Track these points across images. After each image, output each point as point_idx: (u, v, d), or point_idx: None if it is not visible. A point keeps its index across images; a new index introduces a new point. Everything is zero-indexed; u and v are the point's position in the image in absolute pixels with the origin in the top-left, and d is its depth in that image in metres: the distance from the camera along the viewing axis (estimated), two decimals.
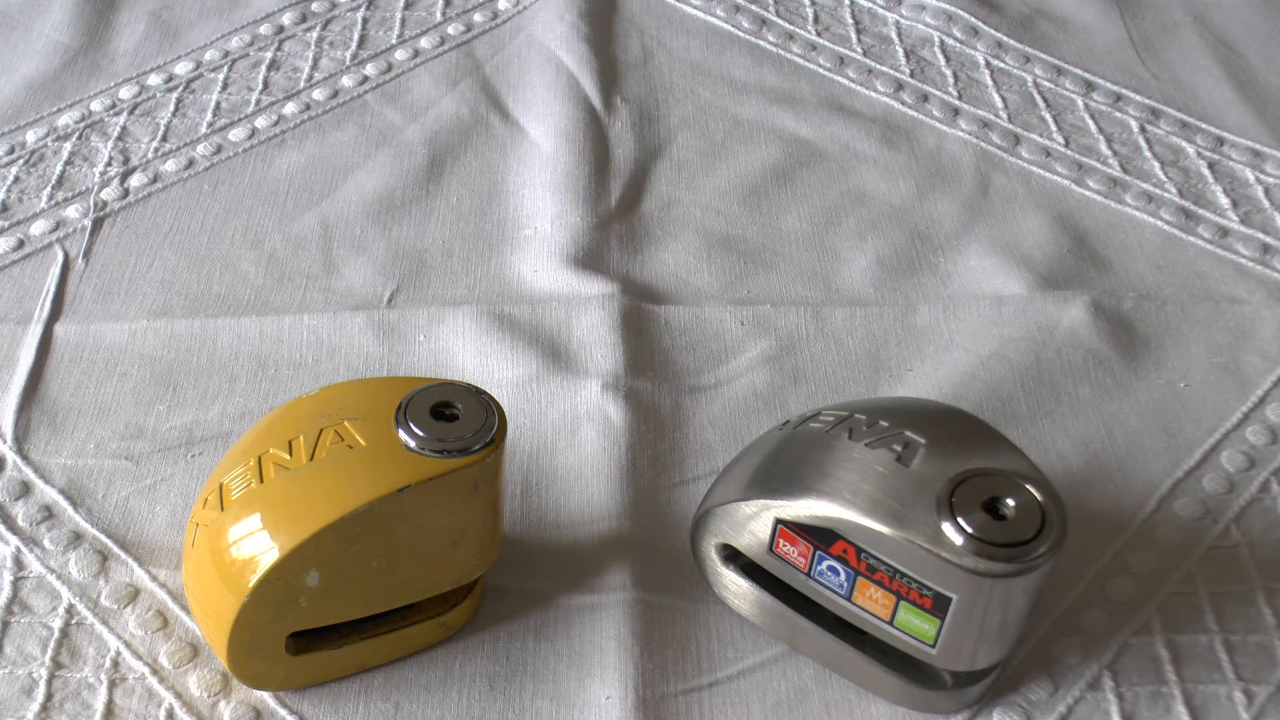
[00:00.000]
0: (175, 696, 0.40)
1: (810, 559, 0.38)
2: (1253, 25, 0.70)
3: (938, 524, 0.34)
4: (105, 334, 0.51)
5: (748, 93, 0.64)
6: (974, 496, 0.35)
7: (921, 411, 0.39)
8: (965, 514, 0.34)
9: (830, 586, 0.38)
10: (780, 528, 0.38)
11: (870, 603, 0.37)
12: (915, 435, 0.37)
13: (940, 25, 0.68)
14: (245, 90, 0.62)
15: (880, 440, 0.37)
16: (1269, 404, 0.50)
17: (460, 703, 0.40)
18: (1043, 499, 0.35)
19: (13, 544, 0.43)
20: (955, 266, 0.55)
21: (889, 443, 0.37)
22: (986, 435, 0.38)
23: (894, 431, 0.37)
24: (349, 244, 0.55)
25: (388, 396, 0.37)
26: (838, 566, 0.37)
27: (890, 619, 0.37)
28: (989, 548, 0.34)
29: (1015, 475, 0.35)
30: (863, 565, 0.36)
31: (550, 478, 0.46)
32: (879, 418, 0.38)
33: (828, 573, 0.37)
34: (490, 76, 0.64)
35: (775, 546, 0.38)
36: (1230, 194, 0.59)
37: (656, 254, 0.55)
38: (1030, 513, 0.34)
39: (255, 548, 0.36)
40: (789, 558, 0.38)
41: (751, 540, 0.39)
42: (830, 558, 0.37)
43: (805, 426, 0.39)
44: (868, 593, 0.37)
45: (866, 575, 0.36)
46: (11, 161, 0.58)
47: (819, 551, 0.37)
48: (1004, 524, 0.34)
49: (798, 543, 0.38)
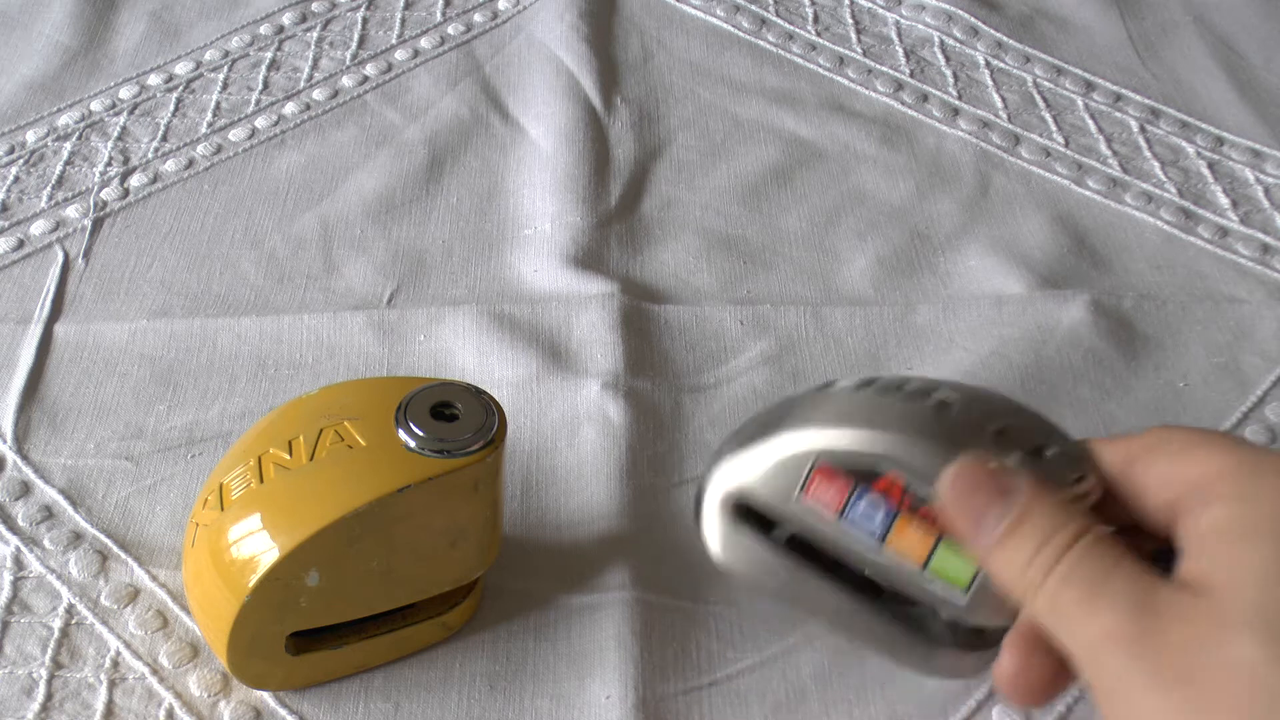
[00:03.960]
0: (175, 696, 0.40)
1: (846, 499, 0.36)
2: (1253, 25, 0.70)
3: (992, 454, 0.34)
4: (105, 334, 0.51)
5: (748, 93, 0.64)
6: (1019, 440, 0.35)
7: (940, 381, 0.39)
8: (1013, 453, 0.35)
9: (863, 530, 0.37)
10: (820, 465, 0.37)
11: (905, 545, 0.36)
12: (946, 395, 0.37)
13: (940, 25, 0.68)
14: (245, 90, 0.62)
15: (915, 395, 0.37)
16: (1268, 404, 0.50)
17: (460, 703, 0.40)
18: (1079, 452, 0.35)
19: (13, 544, 0.43)
20: (955, 266, 0.56)
21: (923, 397, 0.37)
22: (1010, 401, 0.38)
23: (925, 390, 0.37)
24: (349, 244, 0.55)
25: (388, 396, 0.37)
26: (877, 506, 0.36)
27: (924, 563, 0.36)
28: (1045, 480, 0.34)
29: (1053, 429, 0.36)
30: (907, 501, 0.36)
31: (550, 478, 0.46)
32: (903, 382, 0.38)
33: (863, 514, 0.36)
34: (490, 76, 0.64)
35: (807, 489, 0.37)
36: (1230, 194, 0.59)
37: (656, 254, 0.55)
38: (1071, 460, 0.35)
39: (255, 548, 0.36)
40: (820, 501, 0.37)
41: (777, 486, 0.37)
42: (870, 495, 0.36)
43: (828, 387, 0.39)
44: (905, 533, 0.36)
45: (909, 512, 0.36)
46: (11, 161, 0.58)
47: (860, 488, 0.36)
48: (1050, 464, 0.35)
49: (835, 480, 0.36)
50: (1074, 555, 0.31)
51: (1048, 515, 0.33)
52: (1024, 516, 0.33)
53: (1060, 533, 0.32)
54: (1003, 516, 0.33)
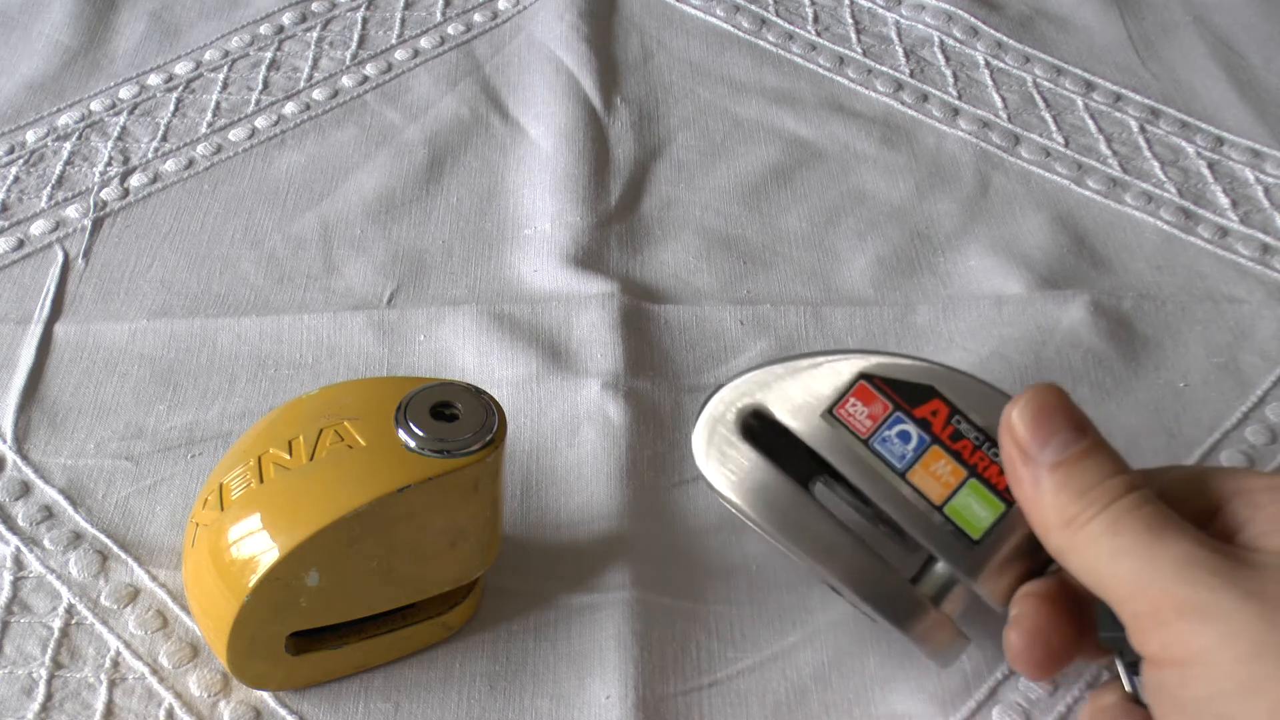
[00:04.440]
0: (175, 696, 0.40)
1: (881, 421, 0.36)
2: (1253, 25, 0.70)
3: None
4: (105, 334, 0.51)
5: (748, 93, 0.64)
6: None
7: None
8: None
9: (889, 457, 0.36)
10: (861, 383, 0.36)
11: (930, 479, 0.36)
12: None
13: (940, 25, 0.68)
14: (245, 90, 0.62)
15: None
16: (1269, 404, 0.50)
17: (460, 703, 0.40)
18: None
19: (13, 544, 0.43)
20: (955, 266, 0.56)
21: None
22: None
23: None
24: (349, 244, 0.55)
25: (388, 396, 0.37)
26: (911, 432, 0.36)
27: (943, 502, 0.36)
28: None
29: None
30: (948, 431, 0.35)
31: (550, 478, 0.46)
32: None
33: (895, 439, 0.36)
34: (490, 76, 0.64)
35: (841, 405, 0.36)
36: (1230, 194, 0.59)
37: (656, 254, 0.55)
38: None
39: (255, 548, 0.36)
40: (852, 420, 0.36)
41: (802, 399, 0.36)
42: (909, 420, 0.36)
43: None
44: (934, 466, 0.36)
45: (945, 444, 0.36)
46: (11, 161, 0.58)
47: (899, 413, 0.36)
48: None
49: (874, 402, 0.36)
50: (1136, 497, 0.32)
51: (1110, 459, 0.33)
52: (1092, 449, 0.33)
53: (1122, 475, 0.33)
54: (1068, 445, 0.34)
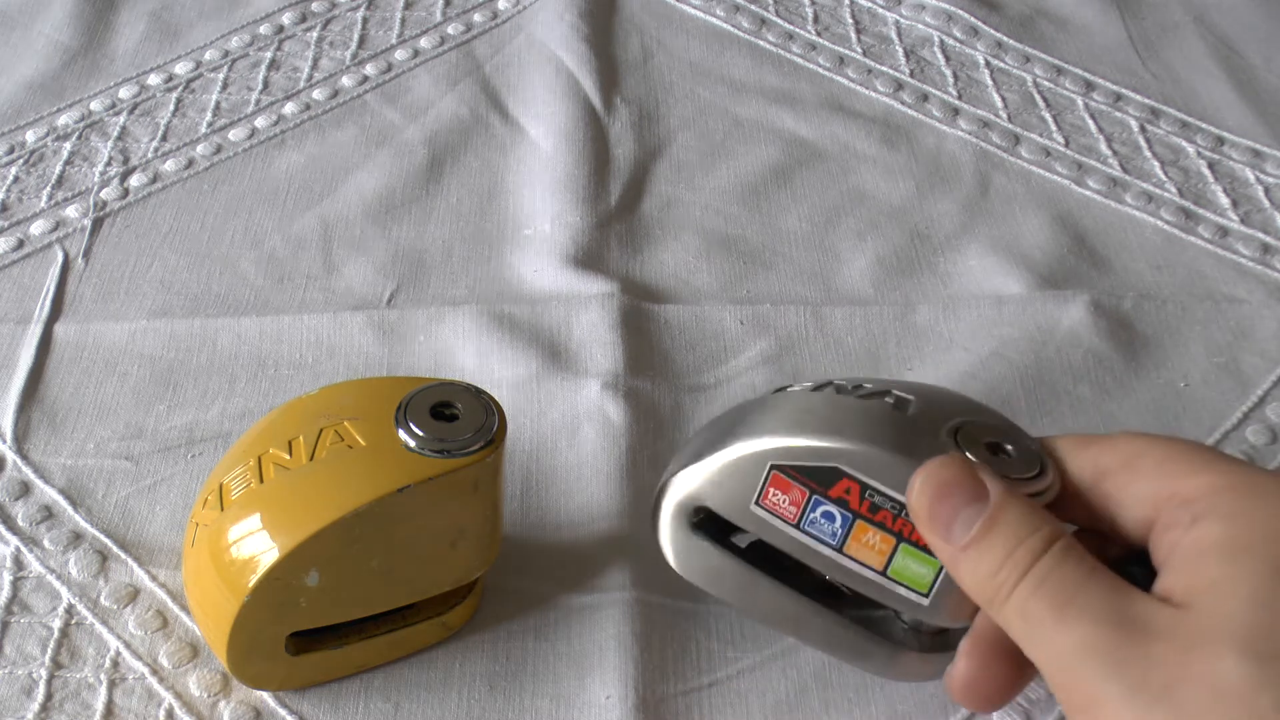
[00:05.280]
0: (175, 696, 0.40)
1: (803, 506, 0.36)
2: (1253, 25, 0.70)
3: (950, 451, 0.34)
4: (105, 334, 0.51)
5: (748, 93, 0.64)
6: (978, 437, 0.35)
7: (896, 381, 0.39)
8: (972, 450, 0.34)
9: (821, 536, 0.37)
10: (774, 474, 0.36)
11: (865, 550, 0.36)
12: (902, 394, 0.37)
13: (940, 25, 0.68)
14: (245, 90, 0.62)
15: (870, 395, 0.37)
16: (1269, 404, 0.50)
17: (460, 703, 0.40)
18: (1037, 448, 0.35)
19: (13, 544, 0.43)
20: (955, 266, 0.56)
21: (880, 397, 0.36)
22: (966, 399, 0.38)
23: (880, 390, 0.37)
24: (349, 244, 0.55)
25: (388, 396, 0.37)
26: (834, 512, 0.36)
27: (884, 568, 0.36)
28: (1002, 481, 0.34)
29: (1010, 427, 0.36)
30: (865, 505, 0.36)
31: (550, 478, 0.46)
32: (859, 383, 0.38)
33: (821, 520, 0.36)
34: (490, 76, 0.64)
35: (764, 497, 0.37)
36: (1230, 194, 0.59)
37: (656, 254, 0.55)
38: (1030, 456, 0.34)
39: (255, 548, 0.36)
40: (777, 509, 0.37)
41: (733, 494, 0.37)
42: (827, 501, 0.36)
43: (783, 391, 0.38)
44: (864, 538, 0.36)
45: (867, 517, 0.36)
46: (11, 161, 0.58)
47: (815, 496, 0.36)
48: (1009, 461, 0.34)
49: (791, 489, 0.36)
50: (1046, 563, 0.30)
51: (1017, 520, 0.31)
52: (993, 521, 0.31)
53: (1031, 538, 0.31)
54: (972, 521, 0.32)
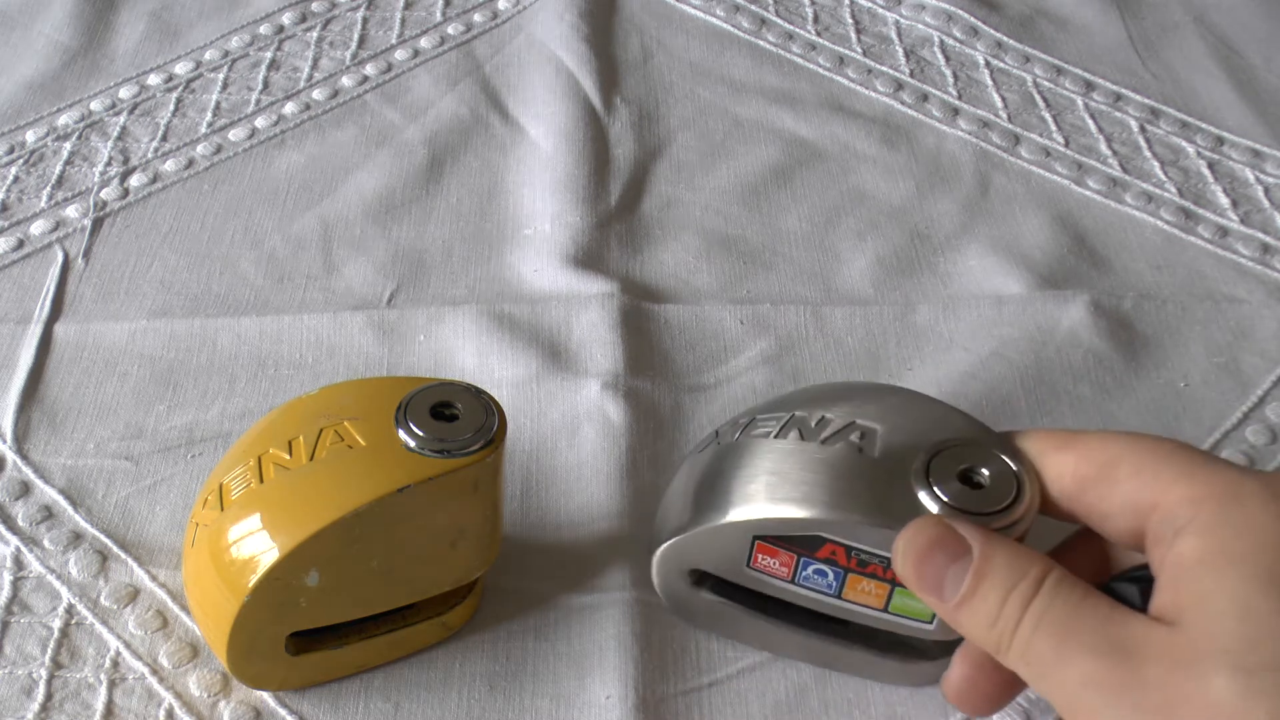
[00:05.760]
0: (175, 696, 0.40)
1: (794, 567, 0.37)
2: (1253, 25, 0.70)
3: (917, 504, 0.34)
4: (105, 334, 0.51)
5: (748, 93, 0.64)
6: (947, 469, 0.35)
7: (863, 397, 0.38)
8: (942, 486, 0.34)
9: (818, 589, 0.38)
10: (757, 543, 0.37)
11: (863, 596, 0.37)
12: (867, 423, 0.36)
13: (940, 25, 0.68)
14: (245, 90, 0.62)
15: (834, 436, 0.36)
16: (1269, 404, 0.50)
17: (460, 703, 0.40)
18: (1014, 466, 0.35)
19: (13, 544, 0.43)
20: (955, 266, 0.56)
21: (844, 436, 0.36)
22: (934, 406, 0.37)
23: (845, 424, 0.37)
24: (349, 244, 0.55)
25: (388, 396, 0.37)
26: (825, 569, 0.37)
27: (884, 607, 0.37)
28: (968, 516, 0.34)
29: (982, 444, 0.35)
30: (853, 562, 0.36)
31: (550, 478, 0.46)
32: (820, 411, 0.37)
33: (814, 576, 0.37)
34: (490, 76, 0.64)
35: (754, 561, 0.38)
36: (1230, 194, 0.59)
37: (656, 254, 0.55)
38: (1005, 480, 0.34)
39: (255, 548, 0.36)
40: (770, 570, 0.38)
41: (724, 558, 0.38)
42: (817, 562, 0.37)
43: (747, 437, 0.38)
44: (859, 587, 0.37)
45: (858, 571, 0.36)
46: (11, 161, 0.58)
47: (804, 558, 0.37)
48: (980, 492, 0.34)
49: (778, 554, 0.37)
50: (1039, 604, 0.31)
51: (1004, 567, 0.32)
52: (980, 575, 0.32)
53: (1022, 582, 0.31)
54: (960, 578, 0.32)
